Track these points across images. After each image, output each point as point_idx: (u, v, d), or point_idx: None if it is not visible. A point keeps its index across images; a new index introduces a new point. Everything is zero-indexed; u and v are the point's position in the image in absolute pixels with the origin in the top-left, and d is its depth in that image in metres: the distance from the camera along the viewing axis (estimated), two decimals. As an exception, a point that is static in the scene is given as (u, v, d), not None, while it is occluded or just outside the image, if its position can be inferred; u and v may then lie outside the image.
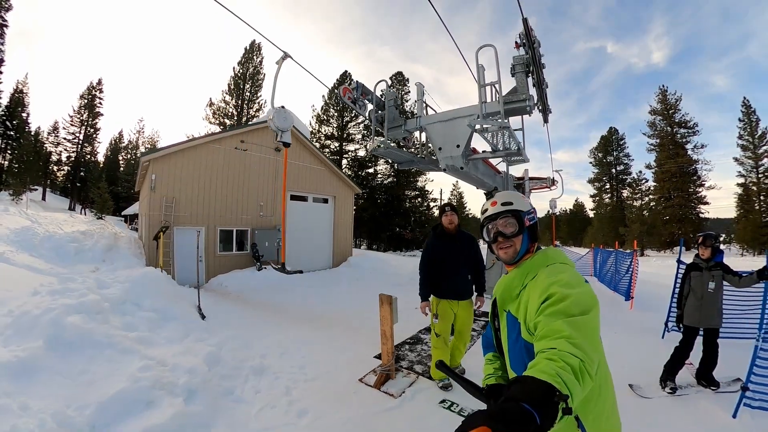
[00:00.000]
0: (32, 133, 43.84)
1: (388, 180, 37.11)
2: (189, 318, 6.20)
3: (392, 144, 6.10)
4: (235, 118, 38.34)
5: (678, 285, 4.75)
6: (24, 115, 40.87)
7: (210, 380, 3.90)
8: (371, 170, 37.29)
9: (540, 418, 0.75)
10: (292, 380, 4.14)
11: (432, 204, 38.57)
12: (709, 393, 3.92)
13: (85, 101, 46.96)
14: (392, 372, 4.22)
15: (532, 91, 5.01)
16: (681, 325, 4.23)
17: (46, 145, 46.69)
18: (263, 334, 5.88)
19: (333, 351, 5.12)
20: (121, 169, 55.94)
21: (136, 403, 3.30)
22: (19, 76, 53.97)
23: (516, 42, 4.72)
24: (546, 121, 6.09)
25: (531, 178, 12.24)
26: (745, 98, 39.14)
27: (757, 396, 3.33)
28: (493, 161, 8.20)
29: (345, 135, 38.07)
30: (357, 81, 5.97)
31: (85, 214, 36.63)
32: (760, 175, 37.12)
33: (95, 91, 47.49)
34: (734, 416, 3.34)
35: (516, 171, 10.22)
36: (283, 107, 4.31)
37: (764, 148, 37.01)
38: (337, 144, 37.71)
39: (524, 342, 1.38)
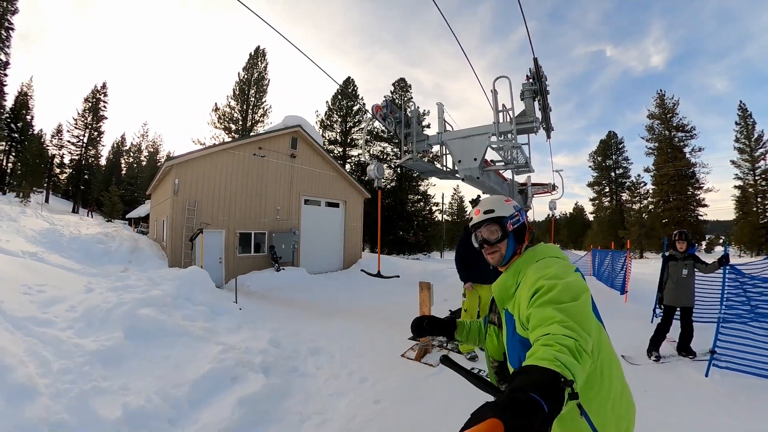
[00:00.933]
0: (36, 136, 44.50)
1: (392, 184, 38.07)
2: (234, 312, 7.07)
3: (418, 155, 7.01)
4: (240, 123, 39.22)
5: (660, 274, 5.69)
6: (28, 117, 41.76)
7: (277, 360, 4.76)
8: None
9: (548, 405, 0.77)
10: (345, 357, 5.04)
11: (434, 208, 39.61)
12: (687, 361, 4.86)
13: (90, 104, 47.75)
14: (429, 347, 5.24)
15: (538, 113, 5.97)
16: (662, 306, 5.22)
17: (49, 148, 47.30)
18: (305, 324, 6.77)
19: (371, 335, 6.06)
20: (123, 172, 56.71)
21: (224, 380, 4.08)
22: (24, 79, 54.48)
23: (527, 75, 5.71)
24: (549, 137, 7.05)
25: (533, 184, 13.14)
26: (741, 102, 40.28)
27: (723, 358, 4.27)
28: (502, 171, 9.14)
29: (348, 140, 39.04)
30: (386, 99, 6.90)
31: (92, 217, 37.28)
32: (757, 178, 38.13)
33: (100, 95, 48.31)
34: (706, 375, 4.28)
35: (519, 177, 11.12)
36: (379, 159, 5.30)
37: (761, 150, 38.09)
38: (340, 149, 38.65)
39: (519, 337, 1.43)
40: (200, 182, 12.50)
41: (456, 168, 6.63)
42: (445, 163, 7.01)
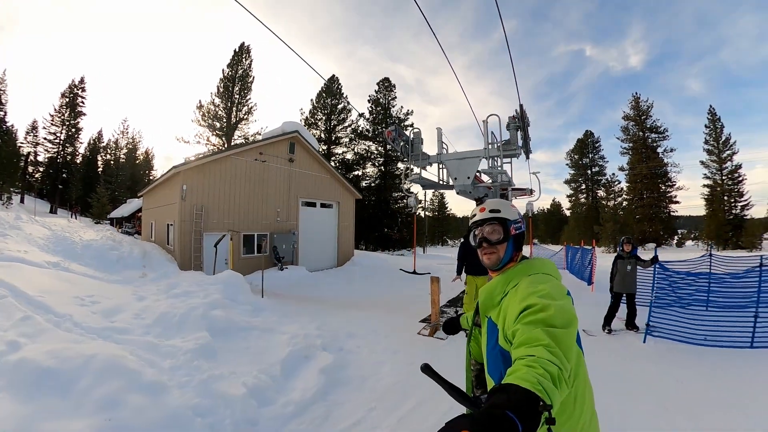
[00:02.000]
0: (9, 132, 43.48)
1: (376, 182, 39.57)
2: (272, 308, 8.28)
3: (418, 171, 8.55)
4: (225, 120, 39.98)
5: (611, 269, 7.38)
6: (1, 113, 40.27)
7: (328, 342, 6.05)
8: (359, 173, 39.66)
9: (522, 426, 0.79)
10: (374, 338, 6.47)
11: (418, 205, 41.28)
12: (632, 333, 6.58)
13: (67, 100, 47.43)
14: (439, 326, 6.82)
15: (519, 141, 7.55)
16: (612, 293, 6.92)
17: (23, 145, 46.16)
18: (330, 316, 8.07)
19: (388, 321, 7.57)
20: (100, 169, 56.06)
21: (300, 358, 5.28)
22: None
23: (513, 116, 7.28)
24: (528, 158, 8.69)
25: (513, 189, 14.85)
26: (711, 106, 43.33)
27: (656, 330, 5.96)
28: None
29: (333, 138, 40.32)
30: (395, 125, 8.36)
31: (77, 219, 37.21)
32: (723, 178, 41.18)
33: (77, 90, 48.08)
34: (644, 342, 5.95)
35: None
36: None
37: (728, 152, 41.12)
38: (325, 147, 39.83)
39: (500, 349, 1.44)
40: (206, 187, 13.63)
41: (452, 183, 8.16)
42: (442, 178, 8.54)
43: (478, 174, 8.48)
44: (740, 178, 40.45)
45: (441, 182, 8.54)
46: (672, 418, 3.64)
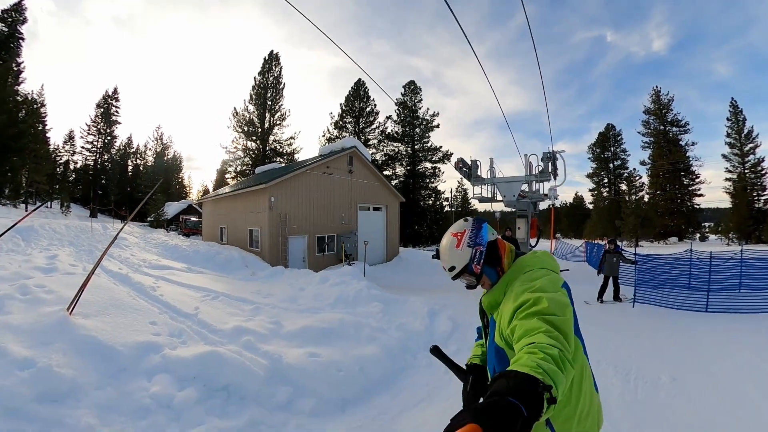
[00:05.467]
0: (51, 145, 47.52)
1: (404, 182, 43.37)
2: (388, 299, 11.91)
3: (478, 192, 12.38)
4: (258, 126, 44.21)
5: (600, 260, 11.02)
6: (41, 126, 43.82)
7: (439, 308, 9.57)
8: (388, 172, 43.43)
9: (526, 409, 0.83)
10: (462, 307, 10.05)
11: (445, 203, 45.21)
12: (617, 303, 10.25)
13: (102, 110, 52.53)
14: None
15: (550, 168, 11.32)
16: (602, 275, 10.58)
17: (62, 155, 51.58)
18: (422, 294, 11.70)
19: (470, 301, 11.17)
20: (130, 174, 60.64)
21: (432, 314, 8.35)
22: (35, 86, 57.87)
23: (546, 153, 11.02)
24: (555, 179, 12.37)
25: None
26: (732, 99, 45.65)
27: (641, 298, 9.71)
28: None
29: (362, 140, 44.13)
30: (461, 159, 12.15)
31: (122, 222, 40.99)
32: (746, 171, 43.41)
33: (111, 100, 53.15)
34: (633, 306, 9.67)
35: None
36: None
37: (750, 145, 43.35)
38: (354, 148, 43.75)
39: (496, 345, 1.58)
40: (287, 199, 17.57)
41: (502, 199, 11.96)
42: (494, 195, 12.35)
43: (522, 192, 12.23)
44: (763, 172, 42.32)
45: (494, 198, 12.36)
46: (654, 349, 7.35)
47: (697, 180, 47.80)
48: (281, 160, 42.30)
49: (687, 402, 4.34)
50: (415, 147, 44.01)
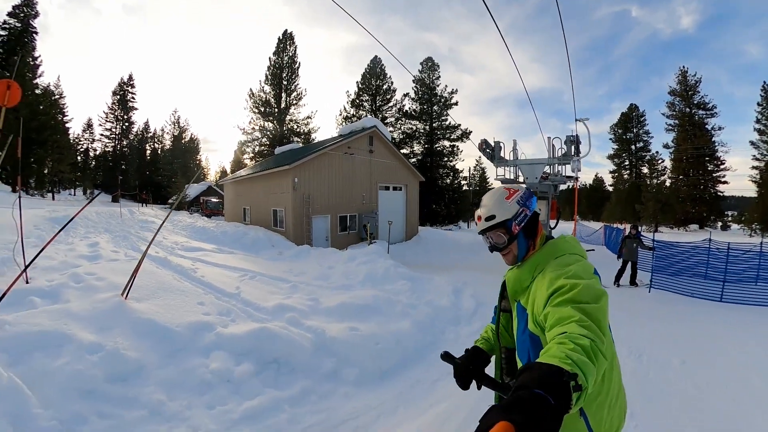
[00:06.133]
0: (71, 134, 48.48)
1: (421, 160, 43.57)
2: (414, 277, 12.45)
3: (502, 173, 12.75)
4: (275, 107, 44.80)
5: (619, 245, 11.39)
6: (61, 117, 44.60)
7: (461, 286, 10.04)
8: (406, 151, 43.62)
9: (553, 399, 0.84)
10: (483, 287, 10.54)
11: (463, 182, 45.44)
12: (633, 288, 10.67)
13: (118, 97, 53.98)
14: None
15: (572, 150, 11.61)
16: (621, 260, 10.99)
17: (82, 143, 53.61)
18: (445, 273, 12.16)
19: (491, 278, 11.66)
20: (148, 158, 61.34)
21: (457, 291, 8.92)
22: (52, 79, 58.63)
23: (569, 137, 11.30)
24: (579, 158, 12.64)
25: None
26: (765, 82, 43.50)
27: (657, 284, 10.11)
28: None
29: (379, 118, 44.21)
30: (485, 140, 12.48)
31: (150, 207, 41.97)
32: (774, 160, 41.79)
33: (127, 87, 54.58)
34: (649, 291, 10.08)
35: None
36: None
37: (781, 133, 41.66)
38: (371, 127, 44.01)
39: (530, 333, 1.55)
40: (310, 179, 18.09)
41: (524, 181, 12.31)
42: (517, 176, 12.70)
43: (544, 174, 12.55)
44: (793, 161, 40.51)
45: (518, 179, 12.72)
46: (667, 333, 7.70)
47: (722, 167, 46.40)
48: (298, 139, 42.79)
49: (693, 386, 4.73)
50: (433, 125, 43.89)
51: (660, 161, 52.82)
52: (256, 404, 3.97)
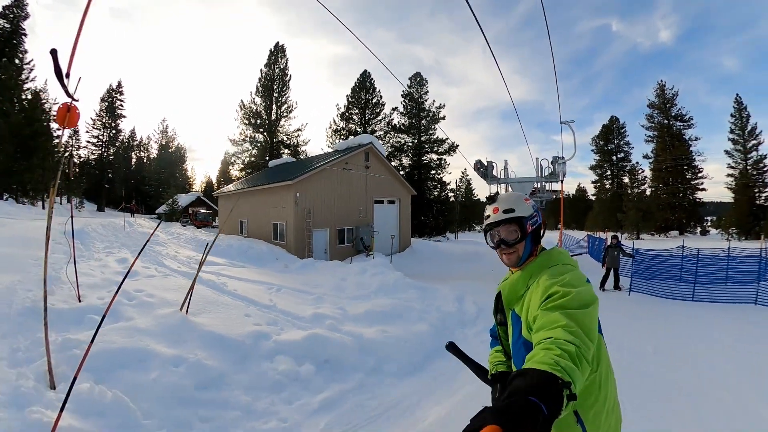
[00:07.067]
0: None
1: (410, 172, 44.94)
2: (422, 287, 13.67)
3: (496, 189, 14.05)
4: (265, 118, 45.84)
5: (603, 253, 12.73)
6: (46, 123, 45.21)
7: (461, 294, 11.28)
8: (395, 164, 44.97)
9: (546, 407, 0.85)
10: (482, 296, 11.71)
11: (450, 194, 46.95)
12: (617, 291, 12.03)
13: (106, 104, 54.22)
14: None
15: (558, 169, 12.99)
16: (605, 267, 12.31)
17: (69, 150, 52.58)
18: (446, 282, 13.45)
19: (485, 287, 12.87)
20: (133, 166, 61.69)
21: (460, 298, 9.94)
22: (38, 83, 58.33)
23: (555, 158, 12.67)
24: (563, 179, 14.04)
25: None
26: (737, 95, 46.99)
27: (636, 287, 11.49)
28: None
29: (369, 131, 45.59)
30: (479, 161, 13.78)
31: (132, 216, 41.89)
32: (748, 168, 44.95)
33: (115, 94, 54.85)
34: (629, 294, 11.43)
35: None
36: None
37: (753, 142, 44.90)
38: (361, 140, 45.29)
39: (524, 340, 1.60)
40: (312, 194, 19.16)
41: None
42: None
43: (533, 189, 13.89)
44: (765, 169, 43.86)
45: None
46: (644, 329, 8.96)
47: (699, 175, 49.52)
48: (287, 151, 43.93)
49: (666, 369, 5.88)
50: (422, 138, 45.44)
51: (640, 171, 55.55)
52: (326, 396, 4.82)
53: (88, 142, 54.55)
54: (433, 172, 45.45)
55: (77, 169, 52.92)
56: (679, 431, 4.05)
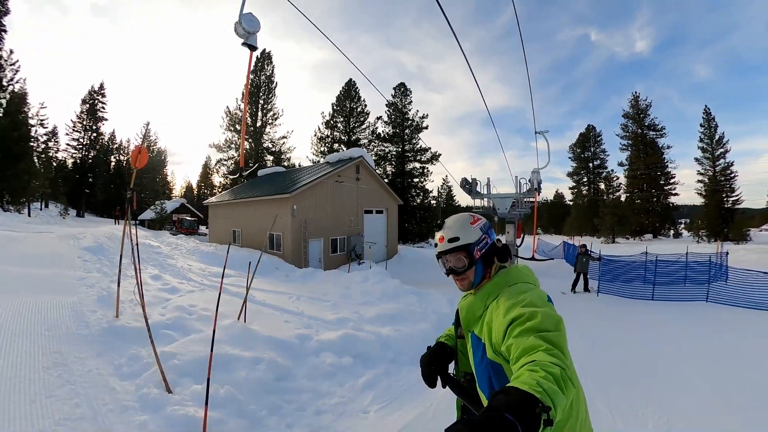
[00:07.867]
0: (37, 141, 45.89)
1: (392, 180, 46.50)
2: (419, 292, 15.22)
3: (477, 204, 15.71)
4: (250, 125, 46.87)
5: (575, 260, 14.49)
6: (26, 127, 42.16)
7: (455, 298, 12.90)
8: (379, 171, 46.47)
9: (522, 428, 0.87)
10: None
11: (432, 202, 48.68)
12: (587, 293, 13.78)
13: (88, 106, 53.49)
14: None
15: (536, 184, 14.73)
16: (576, 272, 14.12)
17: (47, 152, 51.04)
18: (440, 287, 15.06)
19: None
20: (112, 170, 60.12)
21: (453, 303, 11.53)
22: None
23: (534, 169, 14.41)
24: (537, 189, 15.75)
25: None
26: (706, 106, 49.98)
27: (604, 289, 13.31)
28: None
29: (353, 139, 47.08)
30: (465, 178, 15.41)
31: (117, 223, 41.07)
32: (716, 174, 47.82)
33: (97, 96, 54.14)
34: (597, 295, 13.19)
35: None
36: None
37: (720, 150, 47.84)
38: (345, 148, 46.53)
39: (489, 361, 1.57)
40: (307, 206, 20.48)
41: (497, 211, 15.32)
42: (493, 208, 15.69)
43: (513, 202, 15.56)
44: (732, 175, 46.80)
45: (492, 210, 15.72)
46: (610, 324, 10.56)
47: (671, 181, 52.45)
48: (270, 157, 45.10)
49: (632, 355, 7.48)
50: (405, 147, 47.04)
51: (616, 178, 58.54)
52: (366, 379, 6.06)
53: (68, 144, 53.48)
54: (416, 180, 47.12)
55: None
56: (639, 405, 5.38)
